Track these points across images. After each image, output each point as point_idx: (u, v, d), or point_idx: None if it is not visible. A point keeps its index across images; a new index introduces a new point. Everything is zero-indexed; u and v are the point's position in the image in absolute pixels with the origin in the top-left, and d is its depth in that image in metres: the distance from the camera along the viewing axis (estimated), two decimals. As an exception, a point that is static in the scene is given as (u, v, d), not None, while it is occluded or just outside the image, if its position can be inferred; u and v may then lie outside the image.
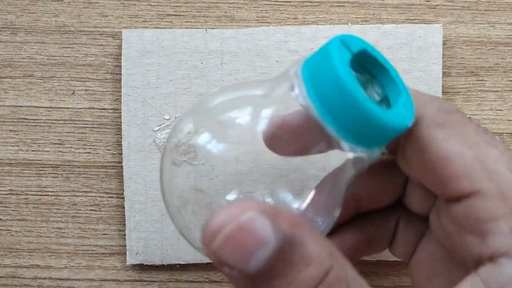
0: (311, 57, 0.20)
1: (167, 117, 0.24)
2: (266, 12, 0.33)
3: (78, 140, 0.32)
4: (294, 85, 0.19)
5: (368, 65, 0.21)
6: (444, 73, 0.32)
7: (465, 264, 0.22)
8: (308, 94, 0.19)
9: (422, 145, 0.21)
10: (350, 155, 0.19)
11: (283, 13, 0.33)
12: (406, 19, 0.33)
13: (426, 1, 0.33)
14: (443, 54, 0.32)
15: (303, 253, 0.17)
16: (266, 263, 0.17)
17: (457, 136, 0.21)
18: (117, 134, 0.32)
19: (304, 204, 0.20)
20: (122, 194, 0.32)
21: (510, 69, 0.33)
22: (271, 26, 0.32)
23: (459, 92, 0.33)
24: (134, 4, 0.33)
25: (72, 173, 0.32)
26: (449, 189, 0.21)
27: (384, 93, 0.21)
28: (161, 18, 0.33)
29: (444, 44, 0.32)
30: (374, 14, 0.33)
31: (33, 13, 0.33)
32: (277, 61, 0.31)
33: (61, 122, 0.32)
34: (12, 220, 0.31)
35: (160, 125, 0.24)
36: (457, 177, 0.20)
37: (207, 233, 0.17)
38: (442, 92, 0.32)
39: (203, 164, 0.20)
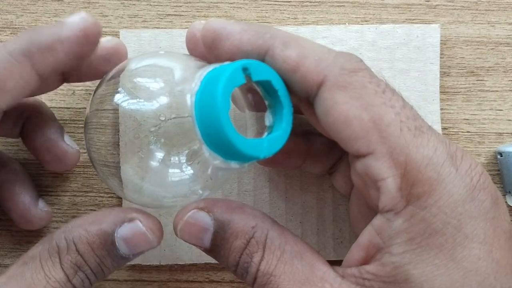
0: (213, 72, 0.22)
1: (163, 118, 0.24)
2: (266, 12, 0.33)
3: (78, 140, 0.32)
4: (192, 93, 0.22)
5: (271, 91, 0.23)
6: (444, 73, 0.32)
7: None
8: (195, 106, 0.22)
9: (326, 107, 0.23)
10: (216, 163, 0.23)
11: (283, 13, 0.33)
12: (406, 19, 0.33)
13: (426, 1, 0.33)
14: (443, 54, 0.32)
15: (232, 230, 0.24)
16: (212, 241, 0.24)
17: (356, 98, 0.22)
18: (116, 134, 0.32)
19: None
20: (122, 194, 0.32)
21: (510, 69, 0.33)
22: (270, 26, 0.32)
23: (459, 92, 0.33)
24: (134, 4, 0.33)
25: (72, 173, 0.32)
26: (349, 148, 0.23)
27: (275, 118, 0.24)
28: (161, 18, 0.33)
29: (444, 44, 0.32)
30: (374, 14, 0.33)
31: (33, 13, 0.33)
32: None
33: (61, 122, 0.32)
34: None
35: (155, 125, 0.24)
36: (355, 138, 0.22)
37: (173, 226, 0.25)
38: (442, 92, 0.32)
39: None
